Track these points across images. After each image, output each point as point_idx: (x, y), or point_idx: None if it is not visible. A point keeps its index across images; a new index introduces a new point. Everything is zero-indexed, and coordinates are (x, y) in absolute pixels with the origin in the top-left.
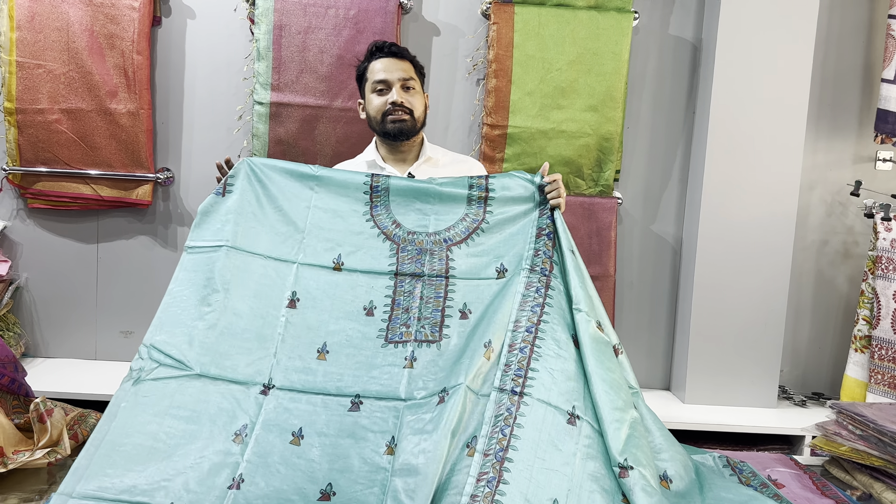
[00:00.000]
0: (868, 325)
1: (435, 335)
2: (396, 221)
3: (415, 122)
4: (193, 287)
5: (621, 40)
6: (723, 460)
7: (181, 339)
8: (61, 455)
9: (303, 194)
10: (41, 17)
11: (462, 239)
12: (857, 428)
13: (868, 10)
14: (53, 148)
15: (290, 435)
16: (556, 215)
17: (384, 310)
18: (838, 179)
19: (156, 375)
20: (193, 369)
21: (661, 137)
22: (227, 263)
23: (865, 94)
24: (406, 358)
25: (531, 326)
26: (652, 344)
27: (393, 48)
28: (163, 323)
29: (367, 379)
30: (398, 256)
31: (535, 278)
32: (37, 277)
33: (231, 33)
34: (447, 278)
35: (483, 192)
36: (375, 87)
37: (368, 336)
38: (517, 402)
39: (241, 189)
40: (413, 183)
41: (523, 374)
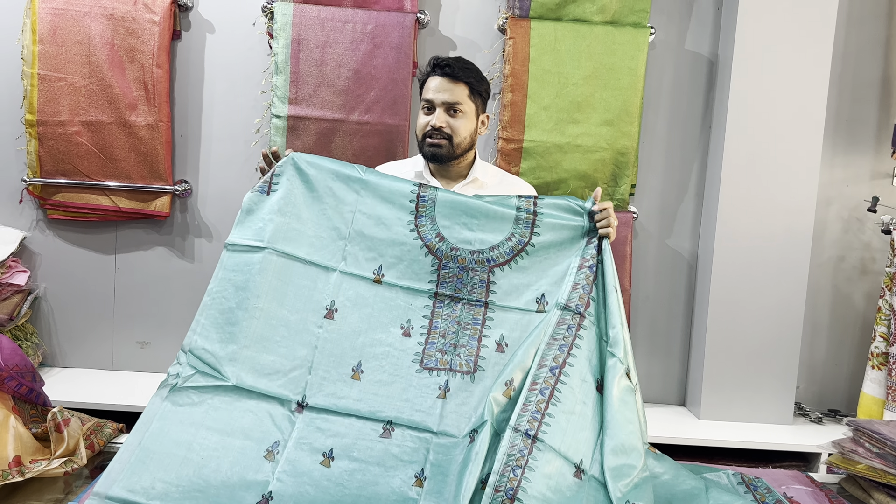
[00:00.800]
0: (885, 342)
1: (469, 365)
2: (440, 234)
3: (453, 148)
4: (233, 289)
5: (637, 55)
6: (737, 477)
7: (218, 347)
8: (78, 465)
9: (348, 198)
10: (63, 30)
11: (506, 260)
12: (874, 446)
13: (886, 26)
14: (73, 160)
15: (320, 455)
16: (605, 246)
17: (421, 331)
18: (855, 195)
19: (192, 383)
20: (229, 380)
21: (676, 152)
22: (266, 267)
23: (883, 109)
24: (440, 387)
25: (555, 367)
26: (667, 359)
27: (447, 68)
28: (202, 326)
29: (400, 404)
30: (439, 273)
31: (568, 316)
32: (55, 288)
33: (250, 47)
34: (486, 304)
35: (531, 213)
36: (422, 105)
37: (404, 359)
38: (530, 445)
39: (286, 188)
40: (460, 197)
41: (539, 417)
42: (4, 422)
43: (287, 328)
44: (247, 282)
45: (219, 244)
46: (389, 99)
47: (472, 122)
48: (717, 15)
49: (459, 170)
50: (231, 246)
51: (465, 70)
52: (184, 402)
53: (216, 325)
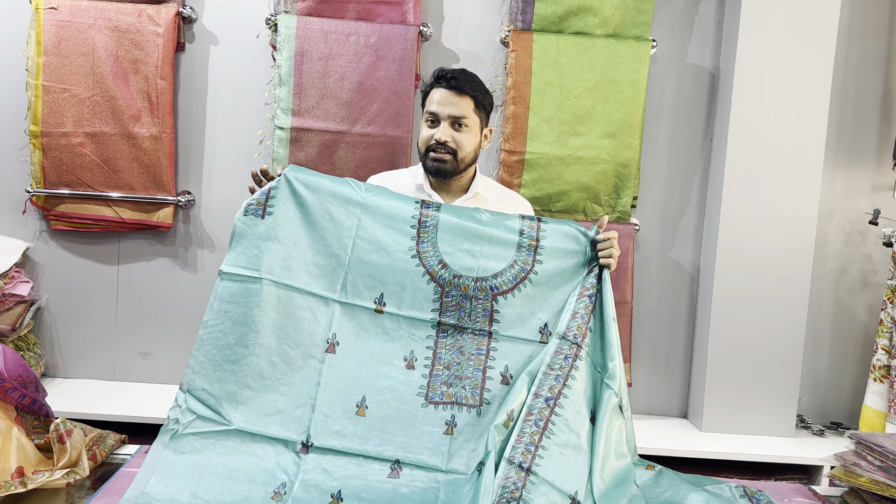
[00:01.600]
0: (887, 355)
1: (475, 399)
2: (443, 261)
3: (457, 163)
4: (230, 323)
5: (639, 68)
6: (739, 490)
7: (217, 387)
8: (80, 476)
9: (347, 222)
10: (68, 42)
11: (509, 289)
12: (876, 459)
13: (887, 39)
14: (77, 170)
15: (329, 497)
16: (605, 276)
17: (425, 363)
18: (857, 208)
19: (193, 430)
20: (231, 423)
21: (678, 164)
22: (264, 299)
23: (884, 122)
24: (447, 423)
25: (551, 398)
26: (669, 371)
27: (453, 81)
28: (200, 364)
29: (406, 442)
30: (442, 302)
31: (566, 345)
32: (58, 298)
33: (253, 59)
34: (490, 334)
35: (534, 239)
36: (426, 118)
37: (408, 393)
38: (524, 478)
39: (282, 212)
40: (462, 221)
41: (533, 450)
42: (7, 433)
43: (288, 365)
44: (245, 315)
45: (221, 255)
46: (392, 111)
47: (476, 137)
48: (719, 28)
49: (461, 184)
50: (226, 275)
51: (470, 83)
52: (185, 450)
53: (214, 364)
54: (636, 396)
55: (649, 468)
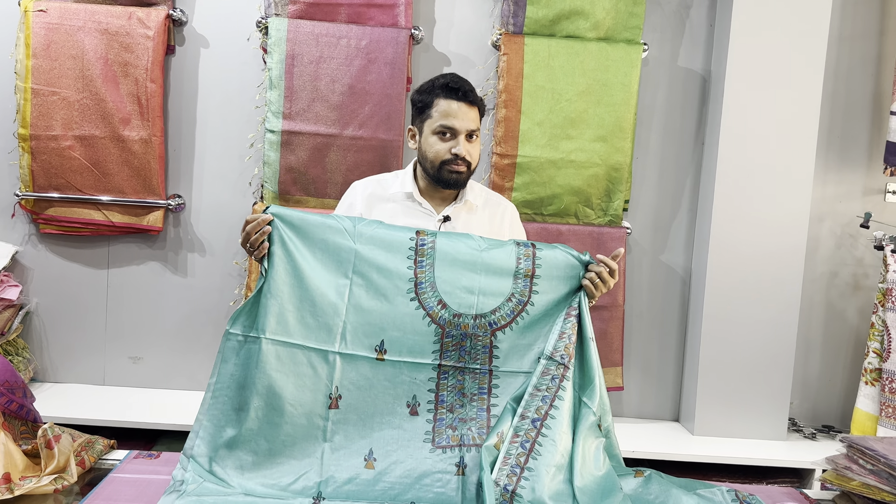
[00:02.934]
0: (878, 358)
1: (482, 438)
2: (442, 301)
3: (470, 173)
4: (235, 386)
5: (630, 71)
6: (731, 494)
7: (224, 453)
8: (68, 482)
9: (341, 269)
10: (57, 45)
11: (507, 323)
12: (867, 462)
13: (877, 43)
14: (66, 174)
15: None
16: (582, 297)
17: (428, 408)
18: (848, 211)
19: (200, 492)
20: (237, 489)
21: (670, 168)
22: (265, 359)
23: (875, 126)
24: (456, 464)
25: (538, 419)
26: (661, 375)
27: (469, 95)
28: (205, 430)
29: (419, 487)
30: (442, 342)
31: (553, 366)
32: (47, 302)
33: (244, 62)
34: (490, 372)
35: (530, 267)
36: (439, 130)
37: (415, 440)
38: (510, 500)
39: (276, 267)
40: (459, 255)
41: (519, 472)
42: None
43: (293, 425)
44: (246, 378)
45: (212, 259)
46: (383, 114)
47: (479, 145)
48: (710, 32)
49: (452, 191)
50: (231, 335)
51: (473, 91)
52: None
53: (219, 428)
54: (628, 400)
55: (638, 475)
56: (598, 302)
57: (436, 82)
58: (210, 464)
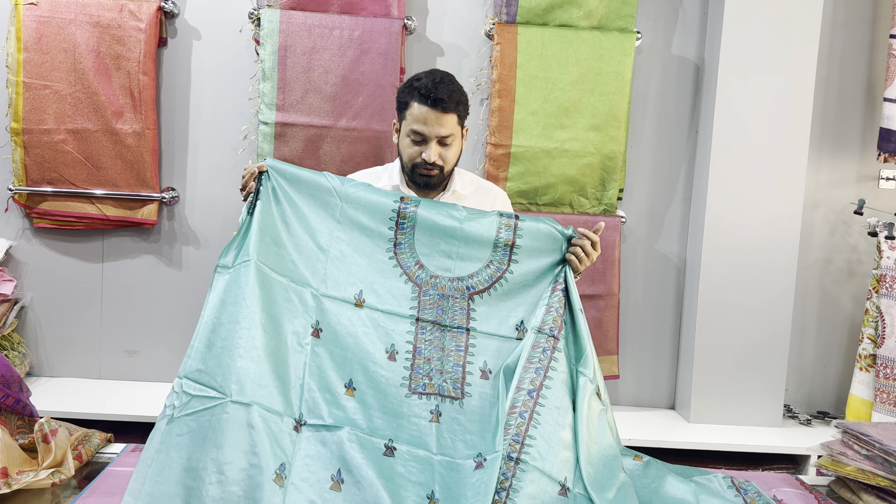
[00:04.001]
0: (873, 344)
1: (457, 392)
2: (420, 262)
3: (443, 175)
4: (223, 306)
5: (624, 60)
6: (727, 480)
7: (213, 364)
8: (65, 476)
9: (324, 226)
10: (48, 38)
11: (484, 288)
12: (862, 448)
13: (870, 30)
14: (59, 168)
15: (329, 479)
16: (567, 270)
17: (406, 356)
18: (842, 198)
19: (189, 410)
20: (227, 395)
21: (664, 156)
22: (255, 279)
23: (868, 113)
24: (431, 411)
25: (533, 390)
26: (656, 363)
27: (440, 103)
28: (196, 350)
29: (396, 425)
30: (420, 300)
31: (543, 339)
32: (42, 297)
33: (236, 53)
34: (468, 331)
35: (510, 237)
36: (410, 135)
37: (392, 382)
38: (513, 467)
39: (265, 209)
40: (440, 220)
41: (521, 440)
42: None
43: (278, 341)
44: (237, 296)
45: (207, 251)
46: (377, 105)
47: (459, 145)
48: (703, 19)
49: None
50: (221, 268)
51: (452, 96)
52: (182, 432)
53: (209, 345)
54: (623, 388)
55: (637, 458)
56: (594, 291)
57: (414, 83)
58: (199, 377)
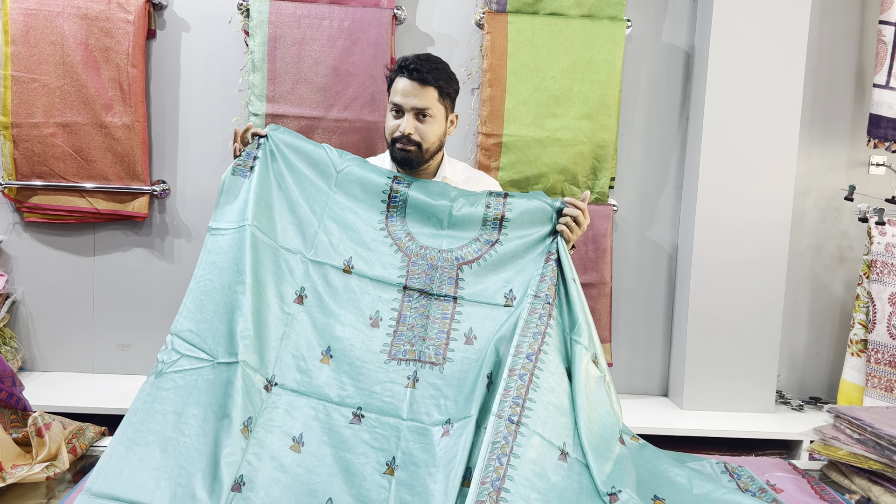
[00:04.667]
0: (864, 329)
1: (438, 357)
2: (410, 234)
3: (422, 154)
4: (216, 270)
5: (614, 48)
6: (721, 466)
7: (203, 326)
8: (60, 469)
9: (322, 190)
10: (36, 31)
11: (474, 259)
12: (854, 432)
13: (859, 17)
14: (49, 161)
15: (290, 440)
16: (559, 241)
17: (390, 323)
18: (832, 184)
19: (177, 368)
20: (214, 357)
21: (655, 144)
22: (249, 243)
23: (858, 99)
24: (409, 377)
25: (531, 354)
26: (649, 350)
27: (415, 73)
28: (188, 309)
29: (368, 393)
30: (408, 269)
31: (539, 305)
32: (33, 291)
33: (226, 45)
34: (455, 299)
35: (499, 212)
36: (391, 107)
37: (372, 349)
38: (514, 431)
39: (263, 172)
40: (431, 200)
41: (521, 402)
42: None
43: (265, 305)
44: (230, 261)
45: (198, 244)
46: (368, 95)
47: (441, 126)
48: (693, 7)
49: (428, 171)
50: (215, 230)
51: (434, 72)
52: (168, 387)
53: (201, 306)
54: (617, 376)
55: (634, 439)
56: (586, 279)
57: (401, 61)
58: (189, 337)
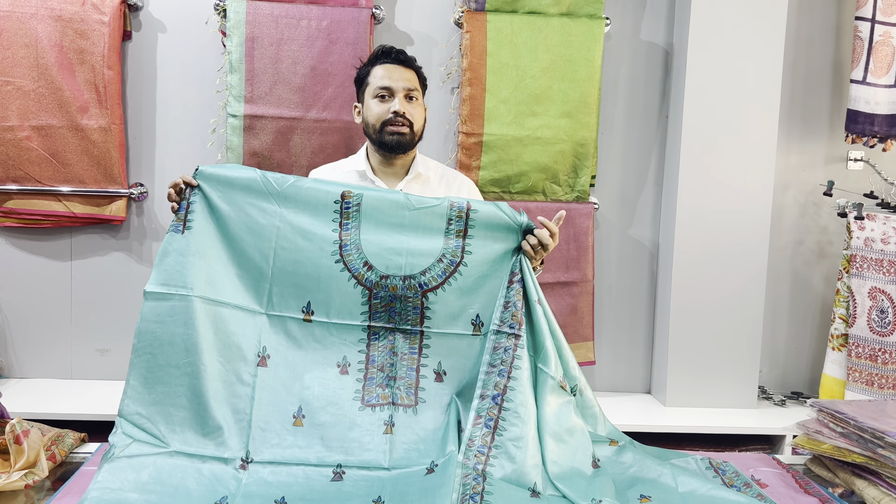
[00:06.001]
0: (845, 324)
1: (411, 399)
2: (368, 263)
3: (413, 135)
4: (158, 344)
5: (593, 46)
6: (705, 462)
7: (153, 410)
8: (39, 477)
9: (266, 233)
10: (8, 33)
11: (438, 284)
12: (837, 426)
13: (836, 13)
14: (24, 165)
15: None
16: (523, 260)
17: (358, 367)
18: (811, 180)
19: (129, 453)
20: (168, 445)
21: (635, 142)
22: (193, 316)
23: (836, 95)
24: (385, 423)
25: (497, 395)
26: (632, 348)
27: (401, 55)
28: (133, 389)
29: (347, 445)
30: (371, 304)
31: (503, 339)
32: (10, 297)
33: (203, 46)
34: (422, 333)
35: (462, 226)
36: (377, 93)
37: (344, 398)
38: (482, 483)
39: (201, 226)
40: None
41: (486, 451)
42: None
43: (221, 382)
44: (172, 335)
45: None
46: (347, 95)
47: (423, 111)
48: (671, 4)
49: (405, 163)
50: (150, 294)
51: (412, 59)
52: (123, 468)
53: (147, 386)
54: (600, 374)
55: (613, 444)
56: (568, 277)
57: (370, 57)
58: (139, 421)
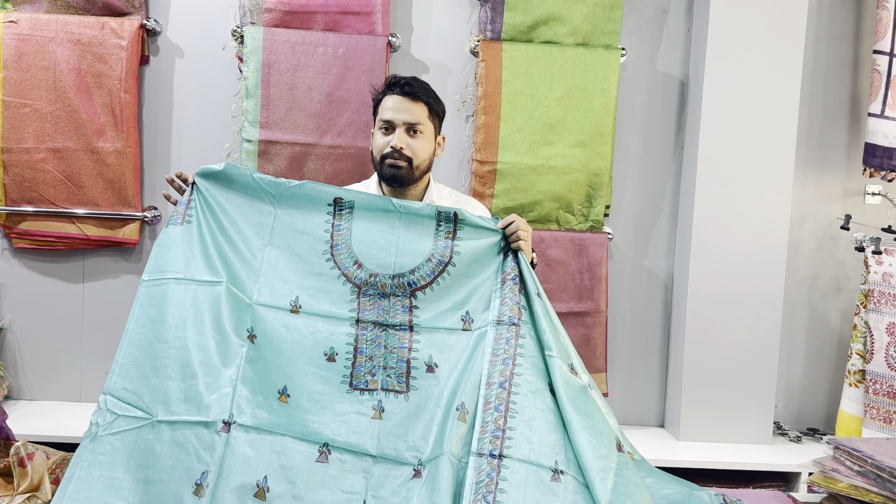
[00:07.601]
0: (862, 360)
1: (402, 385)
2: (358, 262)
3: (412, 170)
4: (150, 323)
5: (609, 77)
6: (719, 498)
7: (140, 384)
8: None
9: (258, 235)
10: (28, 56)
11: (427, 283)
12: (854, 464)
13: (853, 46)
14: (39, 187)
15: (254, 486)
16: (520, 257)
17: (346, 356)
18: (828, 213)
19: (113, 429)
20: (153, 416)
21: (650, 173)
22: (184, 296)
23: (853, 128)
24: (374, 407)
25: (504, 381)
26: (645, 380)
27: (406, 87)
28: (120, 366)
29: (334, 425)
30: (359, 301)
31: (504, 329)
32: (21, 318)
33: (219, 71)
34: (411, 329)
35: (451, 229)
36: (381, 125)
37: (332, 381)
38: (497, 465)
39: (198, 220)
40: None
41: (501, 434)
42: None
43: (208, 353)
44: (163, 313)
45: None
46: (362, 122)
47: (430, 144)
48: (688, 36)
49: (415, 194)
50: (146, 282)
51: (423, 89)
52: (105, 451)
53: (135, 363)
54: (612, 406)
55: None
56: (581, 308)
57: (389, 80)
58: (125, 395)
